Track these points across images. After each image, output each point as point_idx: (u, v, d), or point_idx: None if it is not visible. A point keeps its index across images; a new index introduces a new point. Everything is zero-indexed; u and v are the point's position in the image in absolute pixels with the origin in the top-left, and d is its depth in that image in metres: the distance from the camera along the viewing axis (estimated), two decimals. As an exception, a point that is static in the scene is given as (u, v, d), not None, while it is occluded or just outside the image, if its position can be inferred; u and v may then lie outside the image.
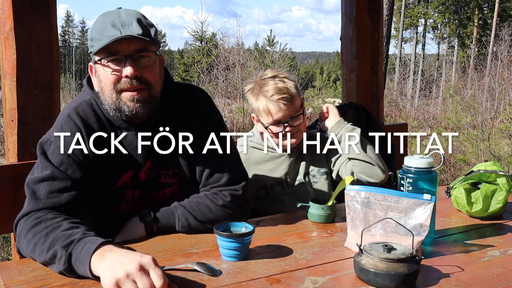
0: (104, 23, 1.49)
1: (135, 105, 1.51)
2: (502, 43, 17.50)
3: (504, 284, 1.25)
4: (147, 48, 1.50)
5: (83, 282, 1.23)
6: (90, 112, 1.56)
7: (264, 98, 2.00)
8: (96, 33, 1.49)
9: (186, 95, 1.69)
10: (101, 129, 1.56)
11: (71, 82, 19.67)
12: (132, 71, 1.47)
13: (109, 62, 1.49)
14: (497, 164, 1.88)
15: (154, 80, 1.54)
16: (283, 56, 14.41)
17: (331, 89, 16.92)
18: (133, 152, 1.59)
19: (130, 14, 1.51)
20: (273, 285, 1.23)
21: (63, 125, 1.53)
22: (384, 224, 1.39)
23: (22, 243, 1.38)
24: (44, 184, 1.45)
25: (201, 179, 1.65)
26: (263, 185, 2.09)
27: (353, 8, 3.06)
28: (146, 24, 1.52)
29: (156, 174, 1.63)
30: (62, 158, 1.48)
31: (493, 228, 1.69)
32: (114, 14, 1.51)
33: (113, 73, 1.49)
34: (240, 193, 1.63)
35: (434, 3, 32.15)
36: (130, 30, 1.46)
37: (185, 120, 1.64)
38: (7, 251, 4.13)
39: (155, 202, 1.63)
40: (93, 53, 1.51)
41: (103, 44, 1.45)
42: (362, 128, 2.91)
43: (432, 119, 13.37)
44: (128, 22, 1.48)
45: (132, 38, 1.45)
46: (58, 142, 1.50)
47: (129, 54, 1.47)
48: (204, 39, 16.68)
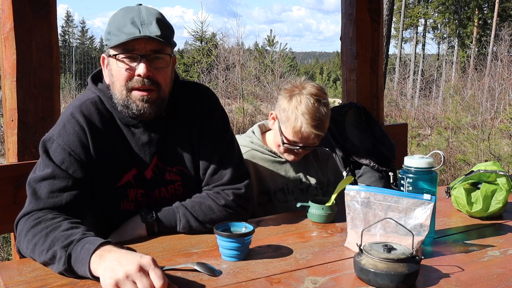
0: (124, 19, 1.49)
1: (143, 105, 1.51)
2: (502, 43, 17.50)
3: (504, 284, 1.25)
4: (162, 50, 1.51)
5: (83, 282, 1.23)
6: (94, 110, 1.55)
7: (301, 117, 1.90)
8: (115, 28, 1.50)
9: (192, 93, 1.69)
10: (105, 127, 1.55)
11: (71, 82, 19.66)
12: (145, 70, 1.47)
13: (123, 59, 1.49)
14: (497, 164, 1.88)
15: (165, 82, 1.55)
16: (283, 56, 14.42)
17: (331, 89, 16.94)
18: (140, 149, 1.59)
19: (150, 13, 1.51)
20: (273, 285, 1.23)
21: (66, 123, 1.52)
22: (384, 224, 1.39)
23: (22, 243, 1.38)
24: (45, 183, 1.45)
25: (204, 176, 1.66)
26: (266, 191, 2.04)
27: (353, 8, 3.06)
28: (165, 25, 1.52)
29: (161, 171, 1.63)
30: (64, 157, 1.48)
31: (493, 228, 1.69)
32: (134, 11, 1.51)
33: (126, 70, 1.49)
34: (242, 191, 1.64)
35: (434, 3, 32.14)
36: (149, 30, 1.47)
37: (190, 117, 1.65)
38: (7, 251, 4.13)
39: (158, 199, 1.63)
40: (109, 47, 1.51)
41: (120, 41, 1.46)
42: (362, 128, 2.93)
43: (432, 119, 13.38)
44: (148, 22, 1.48)
45: (149, 38, 1.46)
46: (60, 140, 1.49)
47: (144, 54, 1.48)
48: (204, 39, 16.66)
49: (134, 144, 1.59)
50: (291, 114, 1.92)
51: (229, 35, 16.22)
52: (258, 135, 2.11)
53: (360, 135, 2.88)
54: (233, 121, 10.54)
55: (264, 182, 2.03)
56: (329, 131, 2.73)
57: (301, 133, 1.93)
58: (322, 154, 2.22)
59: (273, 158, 2.06)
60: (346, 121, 2.79)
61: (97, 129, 1.53)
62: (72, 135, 1.50)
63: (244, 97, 11.81)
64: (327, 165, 2.21)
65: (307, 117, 1.90)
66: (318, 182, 2.13)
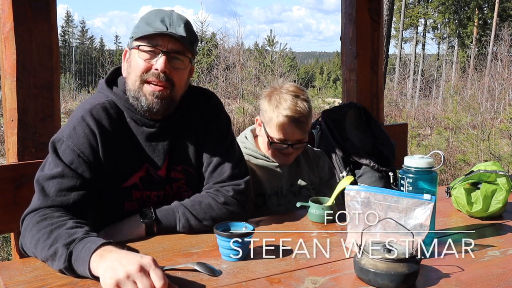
0: (155, 16, 1.57)
1: (153, 99, 1.55)
2: (502, 43, 17.50)
3: (504, 284, 1.25)
4: (183, 52, 1.58)
5: (83, 282, 1.23)
6: (104, 115, 1.57)
7: (281, 115, 1.95)
8: (144, 23, 1.57)
9: (199, 96, 1.76)
10: (115, 132, 1.58)
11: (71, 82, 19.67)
12: (163, 66, 1.53)
13: (145, 51, 1.55)
14: (497, 164, 1.88)
15: (179, 83, 1.60)
16: (283, 56, 14.41)
17: (331, 89, 16.93)
18: (153, 149, 1.63)
19: (180, 18, 1.60)
20: (273, 285, 1.23)
21: (76, 126, 1.54)
22: (384, 224, 1.39)
23: (26, 237, 1.39)
24: (54, 181, 1.47)
25: (205, 174, 1.69)
26: (261, 193, 2.06)
27: (353, 8, 3.06)
28: (191, 31, 1.61)
29: (168, 170, 1.66)
30: (73, 158, 1.50)
31: (493, 228, 1.69)
32: (166, 13, 1.60)
33: (145, 61, 1.55)
34: (242, 187, 1.66)
35: (434, 3, 32.14)
36: (176, 30, 1.54)
37: (196, 119, 1.71)
38: (7, 251, 4.13)
39: (162, 197, 1.65)
40: (134, 39, 1.57)
41: (146, 33, 1.53)
42: (362, 128, 2.93)
43: (432, 119, 13.38)
44: (176, 24, 1.56)
45: (174, 37, 1.53)
46: (69, 142, 1.51)
47: (166, 51, 1.54)
48: (204, 39, 16.65)
49: (146, 145, 1.62)
50: (273, 114, 1.97)
51: (229, 35, 16.23)
52: (251, 140, 2.13)
53: (360, 135, 2.87)
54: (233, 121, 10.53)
55: (260, 184, 2.05)
56: (329, 131, 2.73)
57: (284, 129, 1.97)
58: (314, 155, 2.24)
59: (266, 162, 2.08)
60: (346, 121, 2.79)
61: (107, 133, 1.55)
62: (82, 138, 1.52)
63: (244, 97, 11.79)
64: (318, 165, 2.23)
65: (288, 111, 1.94)
66: (310, 183, 2.15)
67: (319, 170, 2.22)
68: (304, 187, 2.13)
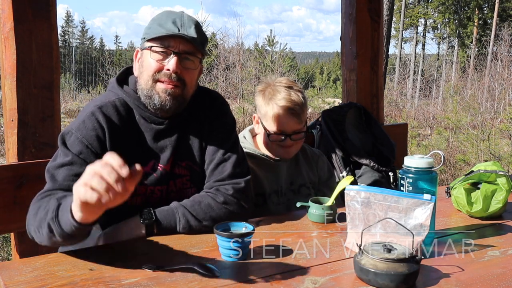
0: (167, 18, 1.61)
1: (166, 97, 1.59)
2: (502, 43, 17.51)
3: (504, 284, 1.25)
4: (194, 53, 1.62)
5: (83, 282, 1.23)
6: (114, 112, 1.61)
7: (276, 105, 1.99)
8: (156, 24, 1.61)
9: (206, 96, 1.79)
10: (124, 128, 1.61)
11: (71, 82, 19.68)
12: (175, 66, 1.57)
13: (157, 52, 1.59)
14: (497, 164, 1.88)
15: (190, 83, 1.64)
16: (283, 56, 14.41)
17: (331, 89, 16.94)
18: (161, 146, 1.66)
19: (191, 20, 1.64)
20: (273, 285, 1.23)
21: (86, 119, 1.57)
22: (384, 224, 1.39)
23: (30, 211, 1.43)
24: (63, 169, 1.51)
25: (207, 171, 1.71)
26: (262, 192, 2.06)
27: (353, 8, 3.06)
28: (202, 33, 1.65)
29: (172, 166, 1.69)
30: (81, 148, 1.53)
31: (493, 228, 1.69)
32: (177, 14, 1.64)
33: (157, 61, 1.59)
34: (242, 186, 1.67)
35: (434, 3, 32.15)
36: (187, 31, 1.59)
37: (203, 117, 1.74)
38: (7, 251, 4.13)
39: (166, 193, 1.67)
40: (146, 39, 1.61)
41: (158, 34, 1.57)
42: (362, 128, 2.93)
43: (432, 119, 13.38)
44: (188, 25, 1.60)
45: (185, 39, 1.57)
46: (78, 134, 1.55)
47: (178, 52, 1.58)
48: (204, 39, 16.63)
49: (154, 142, 1.65)
50: (268, 106, 2.01)
51: (229, 35, 16.21)
52: (250, 139, 2.14)
53: (360, 135, 2.87)
54: (233, 121, 10.50)
55: (260, 183, 2.06)
56: (329, 131, 2.73)
57: (280, 120, 1.99)
58: (312, 155, 2.25)
59: (266, 161, 2.09)
60: (346, 121, 2.79)
61: (115, 128, 1.59)
62: (90, 131, 1.56)
63: (244, 97, 11.79)
64: (318, 165, 2.24)
65: (283, 102, 1.98)
66: (309, 182, 2.16)
67: (318, 170, 2.23)
68: (304, 185, 2.14)
